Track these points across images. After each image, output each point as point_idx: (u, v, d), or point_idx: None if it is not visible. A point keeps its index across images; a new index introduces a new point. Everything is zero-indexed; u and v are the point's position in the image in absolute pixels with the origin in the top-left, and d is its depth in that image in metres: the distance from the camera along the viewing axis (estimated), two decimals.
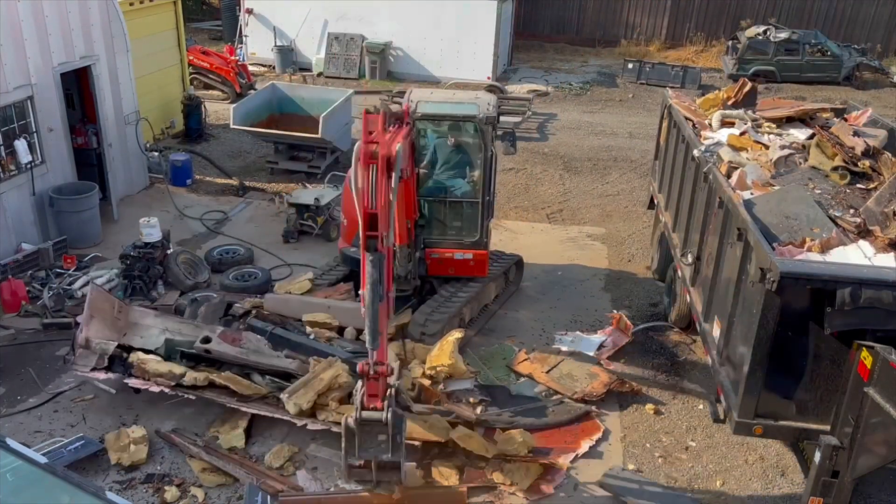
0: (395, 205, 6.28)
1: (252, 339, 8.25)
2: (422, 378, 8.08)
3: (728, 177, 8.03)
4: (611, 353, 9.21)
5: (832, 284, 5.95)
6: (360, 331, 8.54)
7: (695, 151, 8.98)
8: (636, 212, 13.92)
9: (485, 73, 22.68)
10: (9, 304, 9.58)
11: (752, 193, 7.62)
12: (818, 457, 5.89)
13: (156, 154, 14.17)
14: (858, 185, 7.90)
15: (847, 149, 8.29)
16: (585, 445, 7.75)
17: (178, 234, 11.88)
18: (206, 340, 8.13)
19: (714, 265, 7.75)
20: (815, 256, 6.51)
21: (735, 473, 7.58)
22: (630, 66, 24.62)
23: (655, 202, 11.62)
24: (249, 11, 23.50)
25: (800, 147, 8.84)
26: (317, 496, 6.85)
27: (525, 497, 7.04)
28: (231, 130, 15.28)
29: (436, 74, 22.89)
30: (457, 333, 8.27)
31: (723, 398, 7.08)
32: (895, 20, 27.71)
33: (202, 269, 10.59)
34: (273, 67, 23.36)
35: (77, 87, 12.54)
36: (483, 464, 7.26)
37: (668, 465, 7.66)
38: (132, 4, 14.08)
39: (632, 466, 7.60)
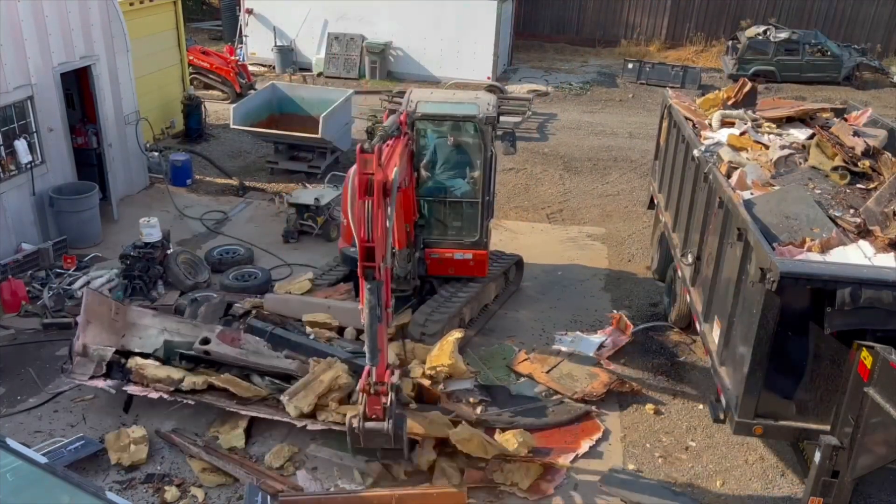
0: (393, 217, 6.24)
1: (251, 340, 8.23)
2: (422, 378, 8.08)
3: (728, 177, 8.03)
4: (611, 353, 9.20)
5: (832, 284, 5.96)
6: (360, 331, 8.54)
7: (695, 151, 8.98)
8: (636, 212, 13.91)
9: (485, 73, 22.69)
10: (9, 304, 9.58)
11: (752, 193, 7.62)
12: (818, 457, 5.90)
13: (156, 154, 14.17)
14: (858, 185, 7.90)
15: (847, 149, 8.29)
16: (585, 445, 7.76)
17: (178, 234, 11.88)
18: (205, 341, 8.08)
19: (714, 265, 7.75)
20: (815, 256, 6.51)
21: (735, 473, 7.58)
22: (630, 66, 24.62)
23: (655, 202, 11.62)
24: (249, 11, 23.50)
25: (800, 147, 8.84)
26: (317, 496, 6.85)
27: (525, 497, 7.04)
28: (231, 130, 15.28)
29: (436, 74, 22.89)
30: (457, 333, 8.28)
31: (723, 398, 7.08)
32: (895, 20, 27.71)
33: (202, 269, 10.59)
34: (273, 67, 23.37)
35: (77, 87, 12.55)
36: (483, 464, 7.25)
37: (668, 465, 7.66)
38: (132, 4, 14.08)
39: (632, 466, 7.60)
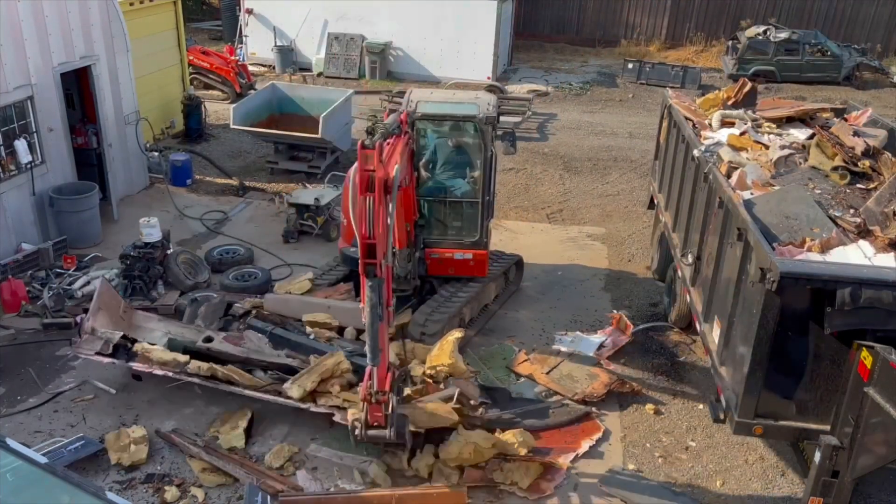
0: (394, 215, 6.25)
1: (253, 339, 8.31)
2: (422, 377, 8.08)
3: (728, 177, 8.03)
4: (611, 354, 9.20)
5: (832, 284, 5.96)
6: (360, 331, 8.55)
7: (695, 151, 8.98)
8: (636, 212, 13.91)
9: (485, 73, 22.68)
10: (9, 304, 9.58)
11: (752, 193, 7.62)
12: (818, 457, 5.90)
13: (156, 154, 14.17)
14: (858, 185, 7.90)
15: (847, 149, 8.29)
16: (586, 445, 7.76)
17: (178, 234, 11.88)
18: (209, 339, 8.26)
19: (714, 265, 7.74)
20: (815, 256, 6.51)
21: (735, 473, 7.58)
22: (630, 66, 24.61)
23: (655, 202, 11.62)
24: (249, 11, 23.50)
25: (800, 147, 8.84)
26: (317, 496, 6.84)
27: (525, 496, 7.04)
28: (231, 130, 15.28)
29: (436, 74, 22.88)
30: (457, 333, 8.27)
31: (723, 398, 7.07)
32: (895, 20, 27.71)
33: (202, 269, 10.59)
34: (273, 67, 23.36)
35: (77, 87, 12.54)
36: (482, 463, 7.26)
37: (668, 465, 7.66)
38: (132, 4, 14.08)
39: (632, 466, 7.60)
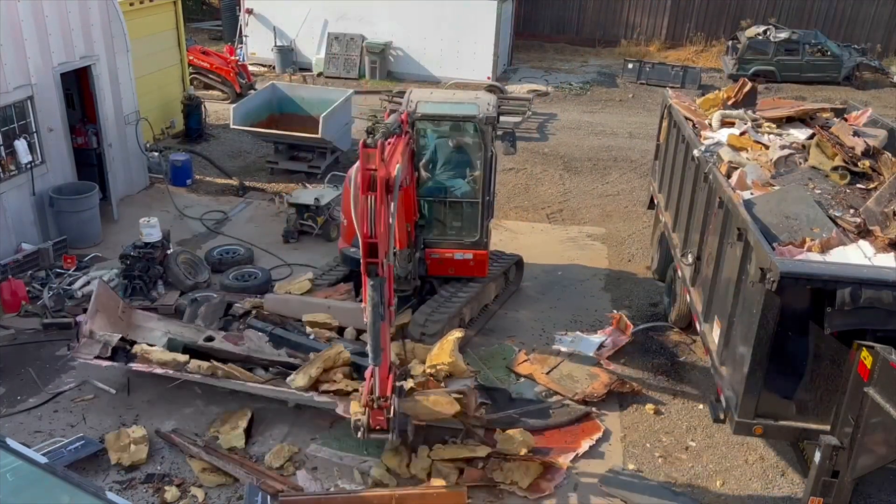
0: (395, 216, 6.26)
1: (253, 338, 8.31)
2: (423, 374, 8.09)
3: (728, 177, 8.03)
4: (611, 354, 9.20)
5: (832, 284, 5.96)
6: (361, 331, 8.55)
7: (695, 151, 8.98)
8: (636, 212, 13.91)
9: (485, 73, 22.68)
10: (9, 304, 9.58)
11: (752, 193, 7.62)
12: (818, 457, 5.90)
13: (156, 154, 14.17)
14: (858, 185, 7.90)
15: (847, 149, 8.29)
16: (586, 445, 7.76)
17: (178, 234, 11.88)
18: (210, 339, 8.29)
19: (714, 265, 7.74)
20: (815, 256, 6.51)
21: (735, 473, 7.58)
22: (630, 66, 24.61)
23: (655, 202, 11.62)
24: (249, 11, 23.50)
25: (800, 147, 8.84)
26: (317, 496, 6.84)
27: (525, 496, 7.04)
28: (231, 130, 15.28)
29: (436, 74, 22.88)
30: (457, 333, 8.26)
31: (723, 398, 7.07)
32: (895, 20, 27.71)
33: (202, 269, 10.59)
34: (273, 67, 23.36)
35: (77, 87, 12.54)
36: (482, 463, 7.26)
37: (668, 465, 7.66)
38: (132, 4, 14.08)
39: (632, 466, 7.60)
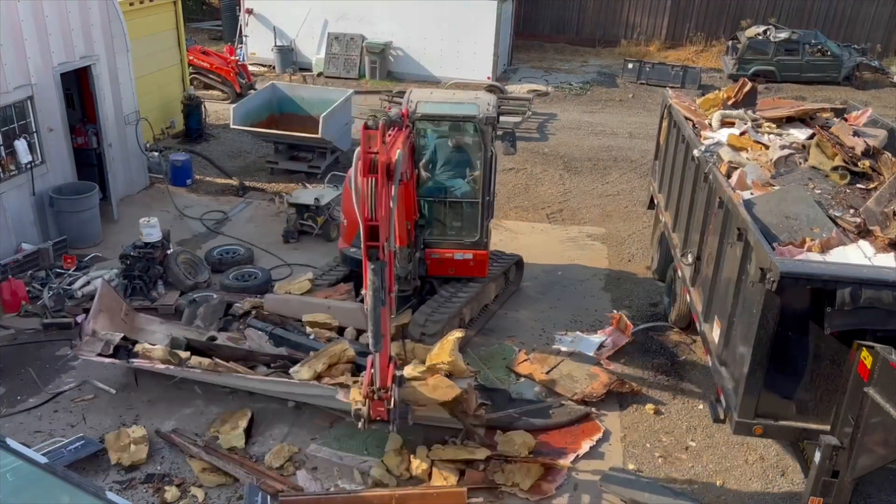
0: (396, 210, 6.30)
1: (254, 337, 8.34)
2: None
3: (728, 177, 8.02)
4: (611, 354, 9.20)
5: (832, 284, 5.95)
6: (360, 331, 8.56)
7: (695, 151, 8.98)
8: (636, 212, 13.91)
9: (485, 73, 22.68)
10: (9, 304, 9.58)
11: (752, 193, 7.62)
12: (818, 457, 5.89)
13: (156, 154, 14.17)
14: (858, 185, 7.90)
15: (847, 149, 8.29)
16: (586, 446, 7.75)
17: (178, 234, 11.88)
18: (212, 339, 8.34)
19: (714, 265, 7.74)
20: (815, 256, 6.50)
21: (735, 473, 7.58)
22: (630, 66, 24.61)
23: (655, 202, 11.62)
24: (249, 11, 23.50)
25: (800, 147, 8.84)
26: (317, 496, 6.84)
27: (526, 497, 7.03)
28: (231, 130, 15.28)
29: (436, 74, 22.88)
30: (457, 333, 8.25)
31: (723, 398, 7.07)
32: (895, 20, 27.71)
33: (202, 269, 10.59)
34: (273, 67, 23.36)
35: (77, 87, 12.54)
36: (484, 465, 7.26)
37: (668, 465, 7.66)
38: (132, 4, 14.08)
39: (632, 466, 7.60)
